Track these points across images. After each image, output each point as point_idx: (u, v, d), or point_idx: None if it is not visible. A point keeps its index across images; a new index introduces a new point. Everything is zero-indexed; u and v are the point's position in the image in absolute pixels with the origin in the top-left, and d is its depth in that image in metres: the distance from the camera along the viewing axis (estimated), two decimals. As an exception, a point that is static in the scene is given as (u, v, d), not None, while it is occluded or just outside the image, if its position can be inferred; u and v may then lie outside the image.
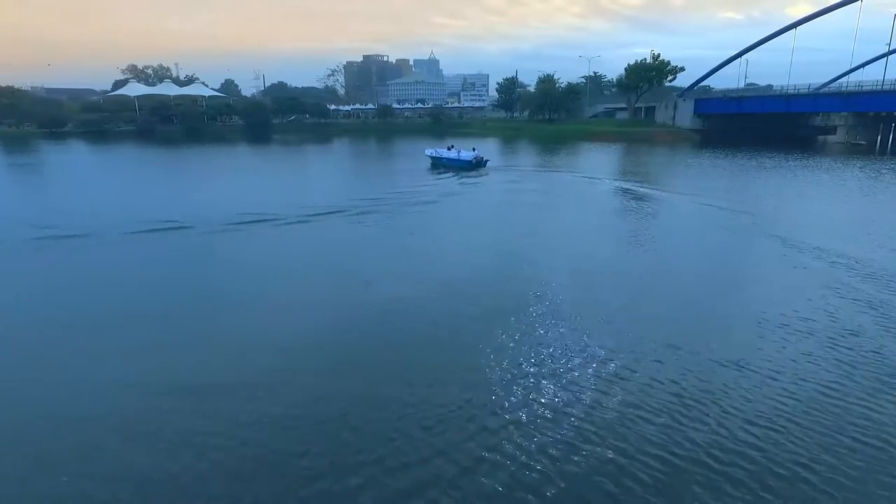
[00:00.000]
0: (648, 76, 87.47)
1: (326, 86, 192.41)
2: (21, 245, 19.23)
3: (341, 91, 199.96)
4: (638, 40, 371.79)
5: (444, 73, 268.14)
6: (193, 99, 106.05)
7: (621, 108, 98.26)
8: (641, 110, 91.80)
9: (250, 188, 35.10)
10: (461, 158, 42.93)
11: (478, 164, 42.43)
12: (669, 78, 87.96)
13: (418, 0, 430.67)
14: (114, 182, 38.23)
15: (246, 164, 54.31)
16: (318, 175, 45.20)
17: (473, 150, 44.72)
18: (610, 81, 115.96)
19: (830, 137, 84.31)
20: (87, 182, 37.83)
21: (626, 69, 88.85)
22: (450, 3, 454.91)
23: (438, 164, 44.53)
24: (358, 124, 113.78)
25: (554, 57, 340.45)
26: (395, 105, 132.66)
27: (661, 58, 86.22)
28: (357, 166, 53.01)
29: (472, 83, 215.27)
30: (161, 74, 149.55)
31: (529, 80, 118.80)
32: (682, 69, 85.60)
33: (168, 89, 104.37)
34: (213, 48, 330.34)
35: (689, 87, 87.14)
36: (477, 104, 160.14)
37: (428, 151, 46.69)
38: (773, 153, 56.12)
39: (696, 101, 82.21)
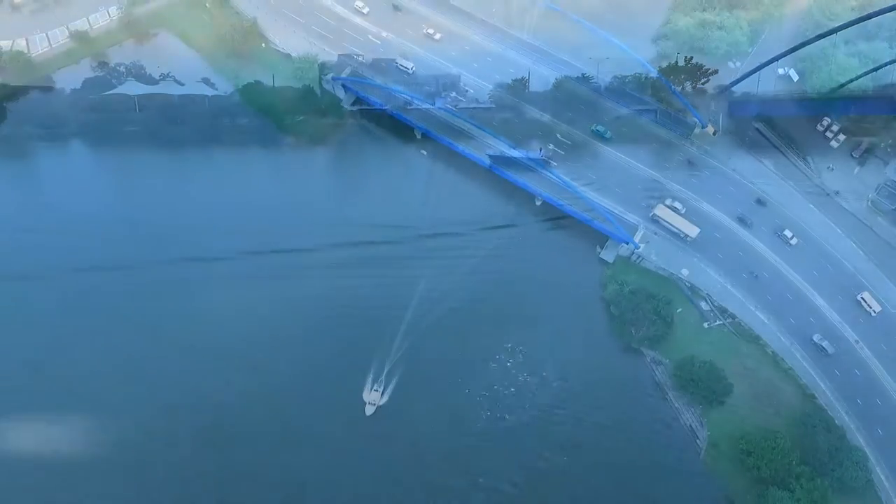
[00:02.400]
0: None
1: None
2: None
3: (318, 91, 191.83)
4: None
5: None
6: (192, 98, 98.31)
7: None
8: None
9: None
10: (530, 157, 47.50)
11: (546, 161, 46.98)
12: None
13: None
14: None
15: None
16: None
17: (540, 150, 49.64)
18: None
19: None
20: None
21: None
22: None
23: (500, 163, 48.12)
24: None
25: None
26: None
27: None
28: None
29: (451, 83, 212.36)
30: (135, 72, 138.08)
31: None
32: (716, 71, 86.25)
33: (170, 88, 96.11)
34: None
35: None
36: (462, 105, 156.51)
37: (488, 151, 50.19)
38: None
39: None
